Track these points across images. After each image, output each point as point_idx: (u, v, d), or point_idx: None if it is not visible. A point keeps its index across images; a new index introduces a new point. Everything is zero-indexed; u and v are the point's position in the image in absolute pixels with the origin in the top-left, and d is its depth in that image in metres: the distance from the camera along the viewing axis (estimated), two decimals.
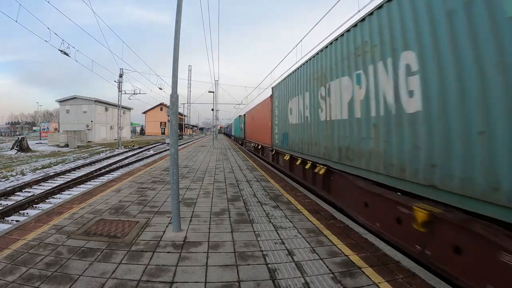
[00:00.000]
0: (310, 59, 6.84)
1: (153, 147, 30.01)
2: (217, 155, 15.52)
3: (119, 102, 30.26)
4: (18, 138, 24.19)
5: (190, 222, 4.24)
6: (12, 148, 22.25)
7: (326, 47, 5.85)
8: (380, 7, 3.96)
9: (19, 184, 9.73)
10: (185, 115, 52.59)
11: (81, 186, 9.80)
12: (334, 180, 5.68)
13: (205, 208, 5.02)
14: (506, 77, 2.26)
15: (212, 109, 29.75)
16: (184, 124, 59.55)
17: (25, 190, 9.04)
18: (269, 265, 2.92)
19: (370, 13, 4.20)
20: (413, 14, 3.28)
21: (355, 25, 4.64)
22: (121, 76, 28.89)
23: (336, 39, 5.36)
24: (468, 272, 2.60)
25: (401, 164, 3.47)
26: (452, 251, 2.79)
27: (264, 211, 4.88)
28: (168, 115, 4.18)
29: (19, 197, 8.20)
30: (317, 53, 6.37)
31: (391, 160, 3.67)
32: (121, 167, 14.72)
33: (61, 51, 13.52)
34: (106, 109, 45.42)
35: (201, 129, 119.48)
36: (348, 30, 4.90)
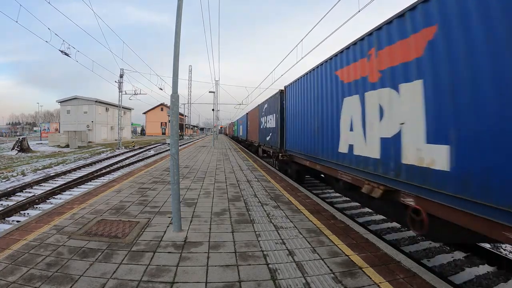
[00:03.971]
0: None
1: (153, 147, 30.04)
2: (218, 155, 15.52)
3: (120, 103, 30.29)
4: (19, 138, 24.21)
5: (190, 222, 4.25)
6: (12, 149, 22.28)
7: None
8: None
9: (20, 184, 9.76)
10: (185, 115, 52.48)
11: (82, 186, 9.81)
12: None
13: (205, 208, 5.02)
14: None
15: (213, 109, 29.68)
16: (185, 124, 59.48)
17: (26, 190, 9.05)
18: (270, 265, 2.92)
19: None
20: None
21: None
22: (121, 76, 28.90)
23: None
24: None
25: None
26: None
27: (265, 211, 4.88)
28: (169, 115, 4.18)
29: (20, 197, 8.22)
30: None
31: None
32: (122, 167, 14.73)
33: (61, 51, 13.52)
34: (107, 110, 45.44)
35: (202, 129, 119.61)
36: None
